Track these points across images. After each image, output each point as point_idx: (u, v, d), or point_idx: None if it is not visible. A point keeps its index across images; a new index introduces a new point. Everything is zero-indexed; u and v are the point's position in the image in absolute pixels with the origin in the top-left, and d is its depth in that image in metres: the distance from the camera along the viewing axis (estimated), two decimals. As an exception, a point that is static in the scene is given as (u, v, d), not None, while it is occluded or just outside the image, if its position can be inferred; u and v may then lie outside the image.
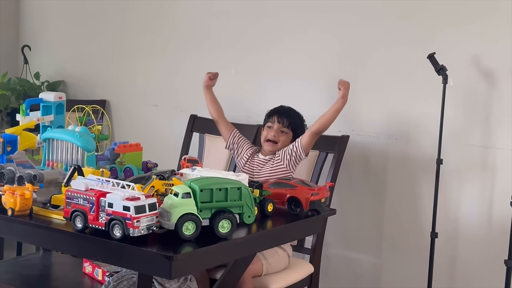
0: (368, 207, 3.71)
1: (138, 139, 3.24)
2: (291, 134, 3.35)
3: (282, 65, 3.93)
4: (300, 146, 3.27)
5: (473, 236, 3.42)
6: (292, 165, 3.30)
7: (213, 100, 3.58)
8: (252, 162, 3.36)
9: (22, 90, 4.61)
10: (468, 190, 3.43)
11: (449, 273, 3.49)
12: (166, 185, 2.54)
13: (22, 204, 2.48)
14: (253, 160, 3.37)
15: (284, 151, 3.30)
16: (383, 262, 3.69)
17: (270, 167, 3.30)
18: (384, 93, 3.62)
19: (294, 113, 3.41)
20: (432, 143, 3.40)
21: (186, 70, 4.28)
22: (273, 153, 3.35)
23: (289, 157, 3.29)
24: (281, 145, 3.33)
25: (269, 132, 3.34)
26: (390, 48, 3.59)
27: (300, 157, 3.29)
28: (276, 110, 3.41)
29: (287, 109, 3.41)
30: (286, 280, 3.21)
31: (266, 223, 2.63)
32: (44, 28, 4.85)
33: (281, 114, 3.36)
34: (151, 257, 2.24)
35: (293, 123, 3.36)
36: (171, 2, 4.31)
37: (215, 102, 3.59)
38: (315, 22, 3.81)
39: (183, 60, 4.29)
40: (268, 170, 3.30)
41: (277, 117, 3.35)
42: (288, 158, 3.29)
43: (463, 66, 3.37)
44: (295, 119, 3.38)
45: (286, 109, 3.41)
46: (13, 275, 3.05)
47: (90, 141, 2.90)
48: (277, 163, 3.31)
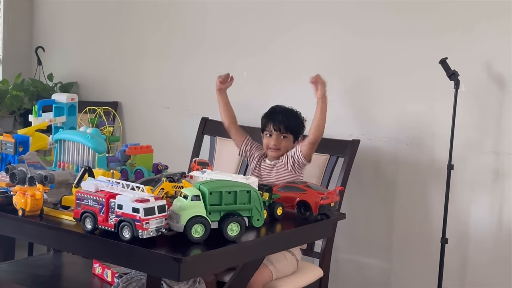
0: (378, 212, 3.70)
1: (150, 141, 3.25)
2: (291, 136, 3.31)
3: (292, 68, 3.93)
4: (300, 153, 3.23)
5: (483, 241, 3.40)
6: (296, 170, 3.28)
7: (225, 106, 3.50)
8: (260, 167, 3.35)
9: (36, 91, 4.63)
10: (479, 196, 3.41)
11: (459, 279, 3.48)
12: (176, 187, 2.55)
13: (32, 204, 2.50)
14: (260, 165, 3.35)
15: (287, 156, 3.28)
16: (392, 267, 3.68)
17: (276, 172, 3.29)
18: (395, 98, 3.62)
19: (288, 115, 3.32)
20: (443, 149, 3.39)
21: (198, 72, 4.29)
22: (278, 158, 3.33)
23: (292, 163, 3.26)
24: (284, 149, 3.30)
25: (269, 141, 3.31)
26: (402, 53, 3.58)
27: (302, 163, 3.26)
28: (270, 117, 3.33)
29: (280, 114, 3.31)
30: (294, 284, 3.21)
31: (275, 227, 2.64)
32: (57, 30, 4.88)
33: (276, 121, 3.29)
34: (159, 259, 2.25)
35: (290, 126, 3.30)
36: (184, 4, 4.32)
37: (227, 108, 3.51)
38: (327, 26, 3.81)
39: (195, 62, 4.29)
40: (274, 174, 3.29)
41: (273, 125, 3.29)
42: (291, 163, 3.26)
43: (475, 71, 3.36)
44: (290, 122, 3.30)
45: (279, 115, 3.30)
46: (24, 275, 3.07)
47: (101, 143, 2.91)
48: (281, 167, 3.29)
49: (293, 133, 3.32)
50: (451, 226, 3.35)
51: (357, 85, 3.73)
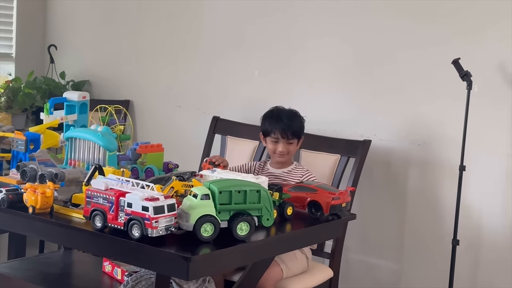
0: (389, 213, 3.68)
1: (161, 139, 3.25)
2: (296, 140, 3.28)
3: (304, 67, 3.92)
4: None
5: (495, 244, 3.37)
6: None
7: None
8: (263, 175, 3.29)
9: (48, 89, 4.64)
10: (491, 198, 3.38)
11: (470, 281, 3.45)
12: (186, 186, 2.55)
13: (43, 202, 2.50)
14: (263, 173, 3.31)
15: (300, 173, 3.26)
16: (403, 268, 3.66)
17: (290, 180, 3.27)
18: (407, 98, 3.60)
19: (293, 119, 3.26)
20: (455, 150, 3.37)
21: (209, 71, 4.28)
22: (284, 165, 3.31)
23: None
24: (291, 154, 3.29)
25: (276, 147, 3.24)
26: (414, 53, 3.56)
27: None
28: (275, 122, 3.24)
29: (286, 119, 3.24)
30: (304, 284, 3.19)
31: (285, 227, 2.63)
32: (70, 28, 4.89)
33: (283, 128, 3.22)
34: (169, 258, 2.25)
35: (295, 131, 3.25)
36: (197, 3, 4.32)
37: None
38: (339, 26, 3.79)
39: (207, 61, 4.29)
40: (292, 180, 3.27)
41: (280, 132, 3.23)
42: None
43: (488, 72, 3.33)
44: (296, 127, 3.25)
45: (285, 120, 3.23)
46: (34, 273, 3.07)
47: (112, 141, 2.91)
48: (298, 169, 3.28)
49: (297, 137, 3.29)
50: (462, 228, 3.32)
51: (369, 85, 3.72)
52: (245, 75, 4.13)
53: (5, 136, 3.04)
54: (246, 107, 4.11)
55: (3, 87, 4.52)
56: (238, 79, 4.17)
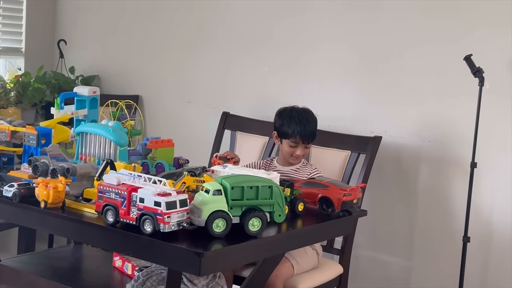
0: (400, 209, 3.67)
1: (170, 135, 3.24)
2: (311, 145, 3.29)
3: (313, 64, 3.91)
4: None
5: (506, 241, 3.37)
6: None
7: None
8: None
9: (57, 84, 4.65)
10: (502, 195, 3.37)
11: (480, 278, 3.44)
12: (197, 181, 2.55)
13: (55, 196, 2.50)
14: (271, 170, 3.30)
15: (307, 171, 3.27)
16: (413, 265, 3.65)
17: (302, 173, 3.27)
18: (418, 95, 3.59)
19: (312, 123, 3.24)
20: (466, 146, 3.36)
21: (219, 67, 4.28)
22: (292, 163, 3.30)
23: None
24: (306, 156, 3.32)
25: (294, 151, 3.23)
26: (425, 49, 3.55)
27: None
28: (298, 127, 3.20)
29: (307, 124, 3.21)
30: (315, 280, 3.19)
31: (297, 223, 2.62)
32: (80, 23, 4.89)
33: (305, 135, 3.20)
34: (181, 253, 2.25)
35: (314, 137, 3.24)
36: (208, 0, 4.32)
37: None
38: (349, 21, 3.78)
39: (217, 57, 4.29)
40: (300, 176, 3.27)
41: (302, 138, 3.21)
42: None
43: (500, 69, 3.32)
44: (315, 133, 3.24)
45: (307, 125, 3.20)
46: (44, 267, 3.08)
47: (123, 136, 2.91)
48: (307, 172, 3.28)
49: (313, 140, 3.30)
50: (473, 225, 3.31)
51: (379, 81, 3.71)
52: (256, 71, 4.13)
53: (16, 131, 3.04)
54: (256, 103, 4.10)
55: (13, 81, 4.52)
56: (249, 75, 4.16)
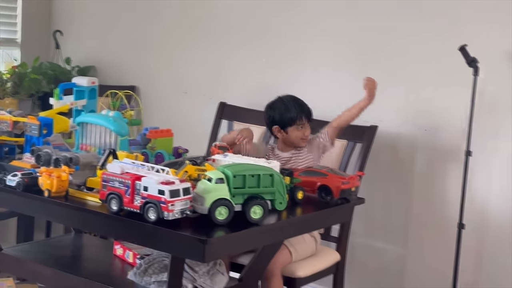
0: (395, 197, 3.73)
1: (167, 125, 3.26)
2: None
3: (310, 55, 3.95)
4: (328, 138, 3.32)
5: (500, 227, 3.42)
6: (320, 156, 3.35)
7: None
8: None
9: (54, 74, 4.66)
10: (496, 182, 3.43)
11: (475, 265, 3.51)
12: (199, 170, 2.59)
13: (58, 185, 2.54)
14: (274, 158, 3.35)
15: (311, 144, 3.33)
16: (408, 252, 3.71)
17: (299, 162, 3.31)
18: (413, 84, 3.63)
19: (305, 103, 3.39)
20: (461, 135, 3.41)
21: (215, 58, 4.31)
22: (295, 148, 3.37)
23: (317, 149, 3.32)
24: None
25: (303, 132, 3.32)
26: (421, 39, 3.59)
27: (327, 148, 3.35)
28: (299, 109, 3.33)
29: (303, 104, 3.36)
30: (313, 267, 3.25)
31: (296, 210, 2.67)
32: (75, 14, 4.90)
33: (308, 112, 3.34)
34: (185, 241, 2.29)
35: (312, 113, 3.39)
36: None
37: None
38: (344, 15, 3.82)
39: (213, 47, 4.32)
40: (296, 165, 3.31)
41: (305, 117, 3.32)
42: (316, 150, 3.32)
43: (493, 59, 3.37)
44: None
45: (304, 105, 3.35)
46: (46, 256, 3.12)
47: (123, 126, 2.95)
48: (306, 156, 3.33)
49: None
50: (468, 212, 3.37)
51: (375, 71, 3.73)
52: (251, 62, 4.16)
53: (18, 121, 3.06)
54: (252, 93, 4.14)
55: (9, 72, 4.54)
56: (244, 66, 4.20)
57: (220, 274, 2.83)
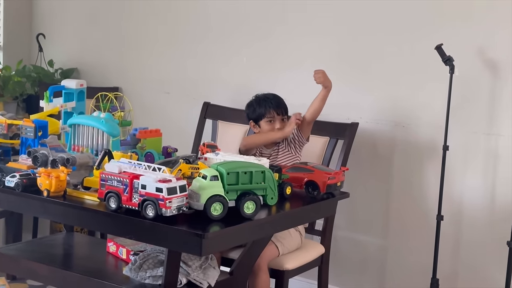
0: (376, 191, 3.86)
1: (151, 126, 3.34)
2: (286, 117, 3.52)
3: (292, 55, 4.05)
4: (300, 133, 3.46)
5: (477, 218, 3.58)
6: (297, 151, 3.49)
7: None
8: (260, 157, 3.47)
9: (37, 77, 4.72)
10: (472, 175, 3.58)
11: (453, 254, 3.65)
12: (192, 168, 2.70)
13: (57, 185, 2.63)
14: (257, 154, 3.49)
15: (286, 139, 3.47)
16: (389, 243, 3.85)
17: (282, 157, 3.45)
18: (392, 82, 3.76)
19: (280, 98, 3.54)
20: (438, 130, 3.55)
21: (198, 57, 4.39)
22: (276, 144, 3.50)
23: (293, 144, 3.46)
24: None
25: (273, 126, 3.48)
26: (398, 38, 3.72)
27: (302, 142, 3.47)
28: (267, 103, 3.49)
29: (275, 98, 3.51)
30: (299, 260, 3.37)
31: (285, 205, 2.79)
32: (57, 17, 4.95)
33: (276, 105, 3.49)
34: (183, 235, 2.40)
35: (286, 108, 3.52)
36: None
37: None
38: (325, 15, 3.93)
39: (195, 47, 4.40)
40: (278, 161, 3.44)
41: (275, 110, 3.48)
42: (292, 145, 3.46)
43: (468, 57, 3.51)
44: (285, 104, 3.53)
45: (275, 99, 3.51)
46: (41, 254, 3.19)
47: (115, 127, 3.03)
48: (283, 152, 3.47)
49: (288, 115, 3.50)
50: (446, 204, 3.50)
51: (354, 70, 3.88)
52: (233, 62, 4.26)
53: (12, 124, 3.14)
54: (235, 92, 4.23)
55: (-7, 75, 4.59)
56: (226, 65, 4.29)
57: (212, 268, 2.94)
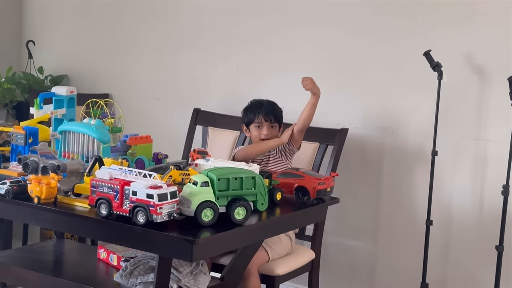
0: (365, 197, 3.88)
1: (141, 132, 3.35)
2: (277, 125, 3.54)
3: (281, 62, 4.07)
4: (291, 141, 3.48)
5: (466, 223, 3.60)
6: (288, 158, 3.51)
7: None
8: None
9: (27, 84, 4.72)
10: (461, 180, 3.60)
11: (442, 259, 3.67)
12: (183, 174, 2.71)
13: (48, 192, 2.64)
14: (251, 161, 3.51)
15: (278, 149, 3.49)
16: (379, 248, 3.87)
17: (271, 164, 3.47)
18: (381, 88, 3.78)
19: (273, 105, 3.55)
20: (427, 136, 3.58)
21: (187, 64, 4.40)
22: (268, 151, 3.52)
23: (284, 152, 3.48)
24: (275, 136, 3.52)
25: (260, 132, 3.51)
26: (387, 44, 3.74)
27: (292, 151, 3.49)
28: (257, 109, 3.53)
29: (266, 105, 3.53)
30: (290, 265, 3.38)
31: (275, 211, 2.81)
32: (47, 24, 4.95)
33: (266, 112, 3.50)
34: (174, 241, 2.41)
35: (277, 116, 3.53)
36: (174, -2, 4.45)
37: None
38: (314, 24, 3.95)
39: (184, 54, 4.41)
40: (269, 168, 3.46)
41: (263, 116, 3.50)
42: (283, 152, 3.48)
43: (456, 63, 3.54)
44: (276, 112, 3.54)
45: (266, 105, 3.53)
46: (32, 261, 3.18)
47: (105, 134, 3.03)
48: (274, 158, 3.49)
49: (279, 122, 3.52)
50: (435, 209, 3.53)
51: (344, 76, 3.90)
52: (223, 68, 4.27)
53: (2, 131, 3.14)
54: (225, 99, 4.25)
55: (-17, 82, 4.59)
56: (216, 72, 4.30)
57: (203, 274, 2.95)
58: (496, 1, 3.46)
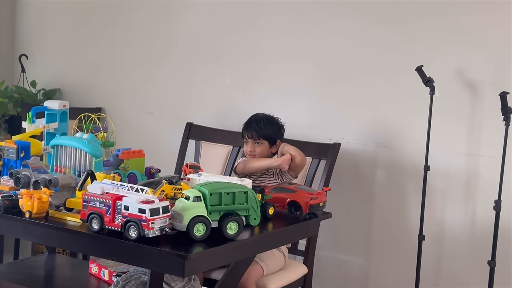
0: (358, 211, 3.88)
1: (134, 146, 3.35)
2: (266, 142, 3.53)
3: (273, 75, 4.09)
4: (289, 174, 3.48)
5: (458, 238, 3.61)
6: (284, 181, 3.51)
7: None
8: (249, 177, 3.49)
9: (20, 97, 4.71)
10: (453, 195, 3.61)
11: (435, 274, 3.67)
12: (175, 189, 2.70)
13: (39, 207, 2.62)
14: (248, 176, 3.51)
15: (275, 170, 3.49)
16: (372, 263, 3.87)
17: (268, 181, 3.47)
18: (373, 103, 3.80)
19: (263, 122, 3.54)
20: (419, 150, 3.59)
21: (180, 78, 4.41)
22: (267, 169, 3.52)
23: (281, 176, 3.49)
24: (259, 154, 3.53)
25: (246, 148, 3.55)
26: (378, 59, 3.76)
27: (290, 178, 3.51)
28: (245, 126, 3.58)
29: (254, 123, 3.54)
30: (282, 280, 3.37)
31: (268, 226, 2.80)
32: (40, 37, 4.96)
33: (249, 129, 3.54)
34: (165, 256, 2.40)
35: (262, 133, 3.52)
36: (167, 12, 4.44)
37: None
38: (306, 36, 3.97)
39: (177, 68, 4.41)
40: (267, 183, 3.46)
41: (246, 133, 3.55)
42: (280, 176, 3.48)
43: (448, 78, 3.56)
44: (263, 129, 3.52)
45: (253, 124, 3.54)
46: (23, 276, 3.18)
47: (98, 148, 3.03)
48: (269, 179, 3.49)
49: (267, 139, 3.53)
50: (427, 224, 3.54)
51: (336, 91, 3.91)
52: (216, 83, 4.28)
53: (-6, 145, 3.13)
54: (217, 113, 4.26)
55: (-24, 96, 4.58)
56: (209, 86, 4.31)
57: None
58: (488, 17, 3.48)
